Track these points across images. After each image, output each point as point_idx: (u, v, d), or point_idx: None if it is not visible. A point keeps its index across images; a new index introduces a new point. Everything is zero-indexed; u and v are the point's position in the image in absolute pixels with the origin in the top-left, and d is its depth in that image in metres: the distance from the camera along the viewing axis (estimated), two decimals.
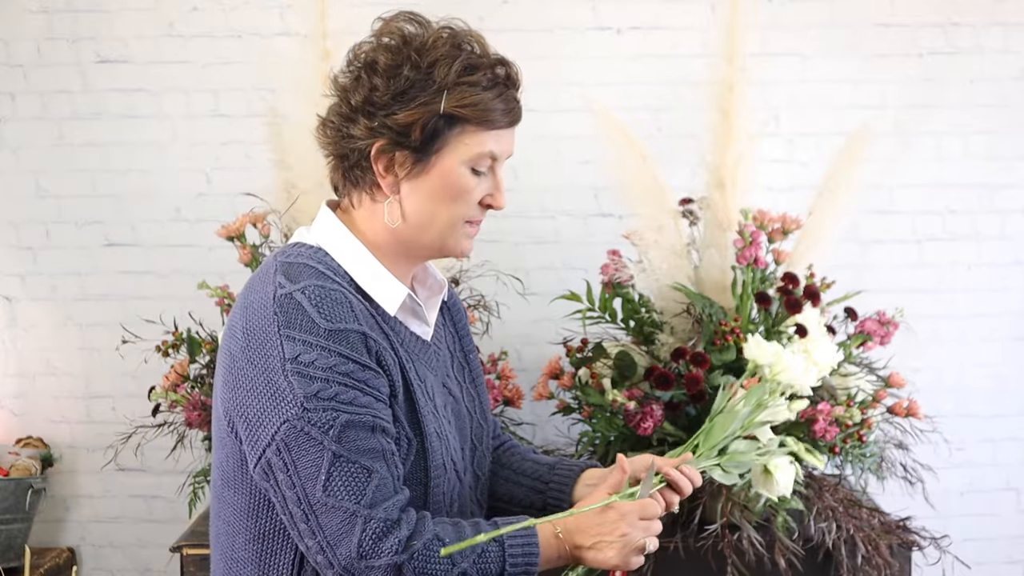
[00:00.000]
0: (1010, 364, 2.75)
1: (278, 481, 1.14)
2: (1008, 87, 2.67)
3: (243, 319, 1.17)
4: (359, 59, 1.24)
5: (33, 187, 2.67)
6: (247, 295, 1.20)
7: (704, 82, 2.25)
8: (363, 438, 1.14)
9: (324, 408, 1.12)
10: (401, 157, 1.21)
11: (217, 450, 1.24)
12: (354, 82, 1.22)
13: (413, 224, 1.24)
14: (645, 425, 1.91)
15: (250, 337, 1.15)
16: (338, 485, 1.12)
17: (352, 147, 1.22)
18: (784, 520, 1.90)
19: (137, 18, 2.61)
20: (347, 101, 1.22)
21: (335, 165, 1.27)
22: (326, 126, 1.26)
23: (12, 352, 2.73)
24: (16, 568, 2.55)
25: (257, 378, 1.14)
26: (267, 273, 1.20)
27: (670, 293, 2.10)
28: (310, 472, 1.12)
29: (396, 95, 1.19)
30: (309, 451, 1.12)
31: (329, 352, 1.14)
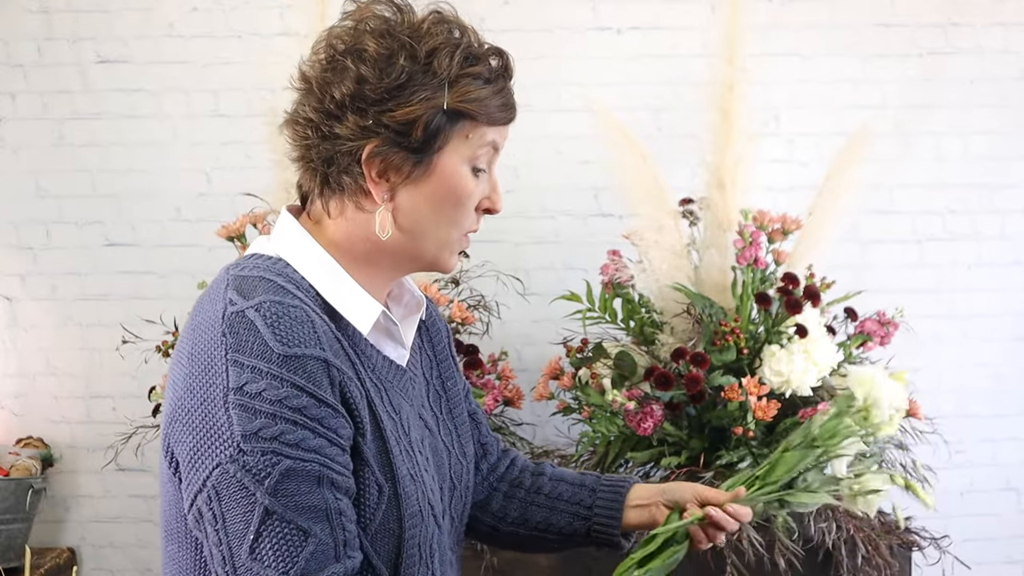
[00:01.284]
0: (1010, 364, 2.75)
1: (207, 534, 0.97)
2: (1008, 87, 2.67)
3: (190, 342, 1.00)
4: (336, 46, 1.05)
5: (33, 187, 2.67)
6: (196, 314, 1.03)
7: (704, 82, 2.25)
8: (304, 492, 0.95)
9: (263, 451, 0.94)
10: (398, 159, 1.04)
11: (161, 495, 1.07)
12: (335, 73, 1.04)
13: (407, 234, 1.08)
14: (645, 425, 1.91)
15: (194, 362, 0.98)
16: (266, 548, 0.94)
17: (338, 149, 1.04)
18: (784, 520, 1.90)
19: (137, 18, 2.61)
20: (328, 95, 1.04)
21: (308, 169, 1.08)
22: (299, 124, 1.07)
23: (12, 352, 2.73)
24: (16, 568, 2.55)
25: (196, 410, 0.96)
26: (218, 289, 1.03)
27: (670, 293, 2.10)
28: (238, 529, 0.94)
29: (393, 88, 1.03)
30: (240, 503, 0.94)
31: (281, 382, 0.95)
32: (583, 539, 1.32)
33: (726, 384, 1.91)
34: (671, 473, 1.96)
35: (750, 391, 1.89)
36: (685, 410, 1.99)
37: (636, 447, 2.03)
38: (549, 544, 1.33)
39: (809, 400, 1.99)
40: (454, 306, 2.14)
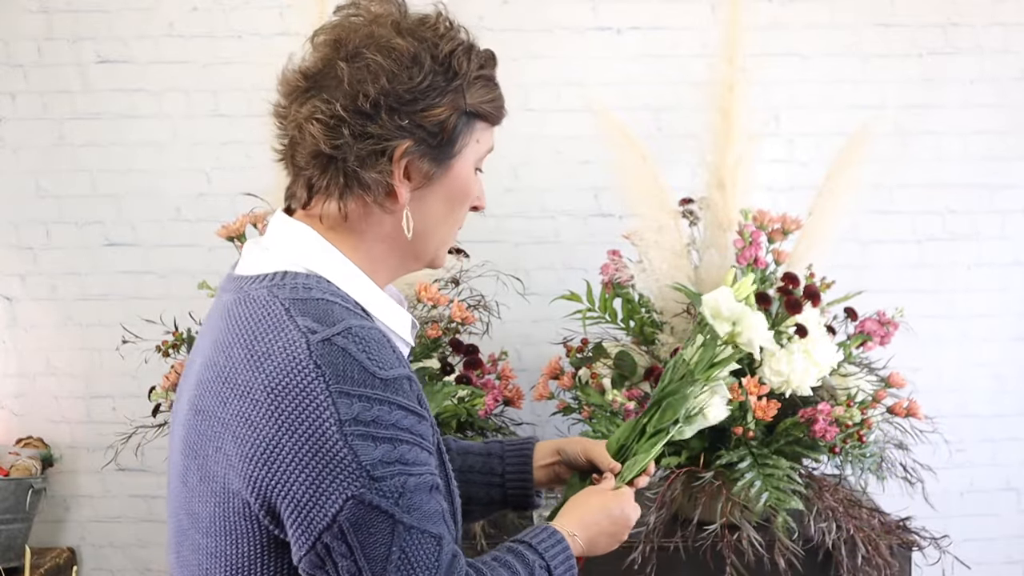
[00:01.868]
0: (1010, 364, 2.75)
1: (338, 568, 0.95)
2: (1008, 87, 2.67)
3: (260, 373, 0.95)
4: (352, 42, 1.04)
5: (33, 187, 2.67)
6: (253, 345, 0.97)
7: (704, 82, 2.25)
8: (426, 501, 0.99)
9: (392, 474, 0.95)
10: (423, 160, 1.05)
11: (213, 537, 1.01)
12: (367, 71, 1.02)
13: (418, 234, 1.08)
14: None
15: (284, 398, 0.94)
16: (412, 561, 0.96)
17: (371, 148, 1.02)
18: (784, 520, 1.90)
19: (137, 18, 2.61)
20: (360, 92, 1.01)
21: (329, 169, 1.05)
22: (325, 123, 1.03)
23: (12, 352, 2.74)
24: (16, 568, 2.55)
25: (303, 449, 0.93)
26: (273, 315, 0.99)
27: (670, 293, 2.10)
28: (379, 553, 0.95)
29: (424, 88, 1.03)
30: (378, 527, 0.95)
31: (389, 405, 0.96)
32: (500, 505, 1.36)
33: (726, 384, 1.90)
34: (671, 473, 1.96)
35: (750, 391, 1.89)
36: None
37: None
38: (471, 515, 1.35)
39: (809, 400, 1.99)
40: (454, 306, 2.14)
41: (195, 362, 1.09)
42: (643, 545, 1.94)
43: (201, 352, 1.08)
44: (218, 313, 1.08)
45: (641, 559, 1.95)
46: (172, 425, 1.14)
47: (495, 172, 2.59)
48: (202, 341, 1.11)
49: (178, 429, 1.08)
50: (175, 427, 1.11)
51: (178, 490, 1.06)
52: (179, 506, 1.06)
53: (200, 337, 1.13)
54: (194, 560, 1.04)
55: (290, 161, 1.10)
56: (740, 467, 1.89)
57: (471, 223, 2.42)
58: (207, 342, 1.06)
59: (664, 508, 1.95)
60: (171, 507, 1.09)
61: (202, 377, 1.02)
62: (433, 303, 2.12)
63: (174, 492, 1.08)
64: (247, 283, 1.06)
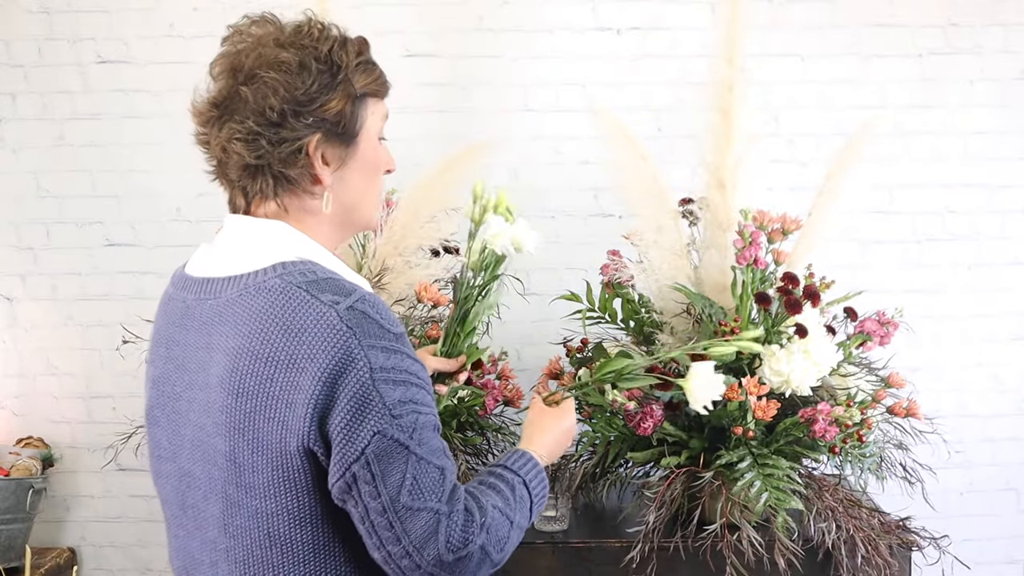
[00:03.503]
0: (1010, 364, 2.76)
1: (361, 493, 1.12)
2: (1008, 87, 2.67)
3: (302, 348, 1.11)
4: (245, 66, 1.21)
5: (33, 187, 2.68)
6: (288, 325, 1.12)
7: (704, 82, 2.25)
8: (432, 437, 1.16)
9: (408, 412, 1.13)
10: (334, 146, 1.23)
11: (273, 499, 1.15)
12: (265, 87, 1.19)
13: (348, 207, 1.27)
14: (645, 425, 1.91)
15: (323, 361, 1.11)
16: (422, 487, 1.13)
17: (288, 150, 1.20)
18: (784, 520, 1.90)
19: (137, 18, 2.61)
20: (266, 107, 1.19)
21: (258, 175, 1.22)
22: (247, 141, 1.20)
23: (13, 352, 2.74)
24: (17, 568, 2.55)
25: (345, 397, 1.11)
26: (296, 297, 1.14)
27: (670, 293, 2.09)
28: (395, 479, 1.12)
29: (317, 88, 1.20)
30: (396, 458, 1.12)
31: (402, 356, 1.15)
32: None
33: (726, 384, 1.91)
34: (671, 473, 1.96)
35: (750, 391, 1.89)
36: (685, 410, 1.99)
37: (636, 447, 2.03)
38: None
39: (809, 400, 1.99)
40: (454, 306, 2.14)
41: (206, 359, 1.19)
42: (643, 545, 1.94)
43: (209, 347, 1.19)
44: (210, 312, 1.20)
45: (641, 559, 1.95)
46: (182, 420, 1.23)
47: (495, 172, 2.60)
48: (189, 337, 1.22)
49: (208, 419, 1.18)
50: (199, 419, 1.20)
51: (223, 470, 1.17)
52: (227, 483, 1.17)
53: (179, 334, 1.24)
54: (254, 524, 1.17)
55: (223, 177, 1.28)
56: (740, 467, 1.89)
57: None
58: (221, 338, 1.17)
59: (664, 508, 1.95)
60: (210, 488, 1.19)
61: (236, 365, 1.14)
62: (433, 303, 2.12)
63: (216, 474, 1.18)
64: (246, 279, 1.19)
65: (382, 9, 2.60)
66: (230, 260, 1.23)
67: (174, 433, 1.24)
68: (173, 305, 1.28)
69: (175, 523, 1.28)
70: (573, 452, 2.18)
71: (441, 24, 2.62)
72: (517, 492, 1.28)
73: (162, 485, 1.29)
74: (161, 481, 1.29)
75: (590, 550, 2.02)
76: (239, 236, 1.24)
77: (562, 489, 2.14)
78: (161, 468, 1.28)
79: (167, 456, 1.26)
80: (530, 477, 1.31)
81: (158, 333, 1.30)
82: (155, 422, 1.28)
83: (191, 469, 1.21)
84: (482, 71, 2.64)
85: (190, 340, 1.22)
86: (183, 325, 1.24)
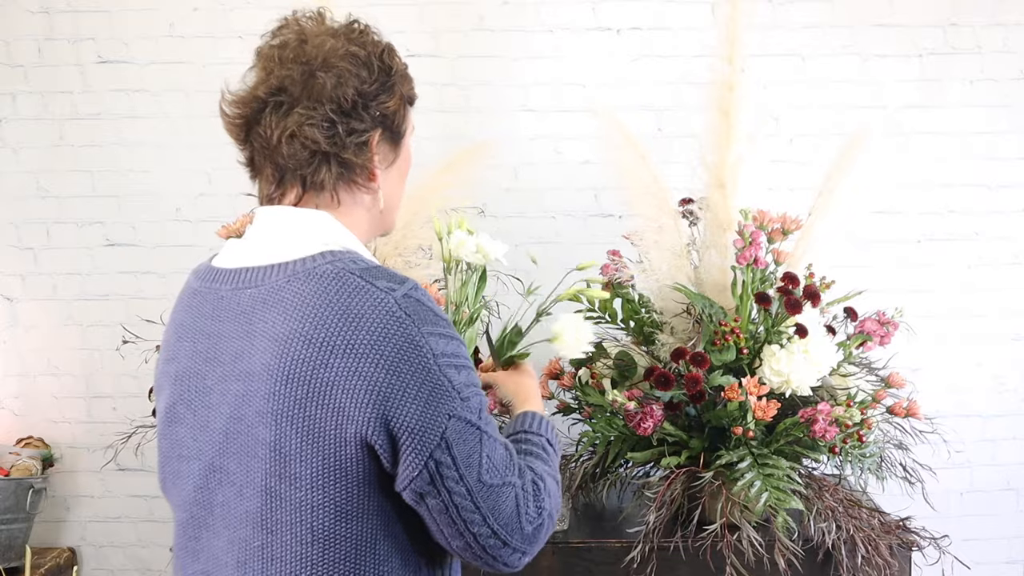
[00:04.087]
0: (1010, 364, 2.76)
1: (444, 479, 1.12)
2: (1008, 87, 2.67)
3: (361, 334, 1.10)
4: (318, 56, 1.21)
5: (33, 187, 2.68)
6: (345, 311, 1.11)
7: (704, 82, 2.25)
8: (490, 417, 1.18)
9: (472, 394, 1.15)
10: (386, 145, 1.26)
11: (320, 490, 1.12)
12: (336, 76, 1.20)
13: (388, 207, 1.29)
14: (645, 425, 1.91)
15: (384, 347, 1.10)
16: (496, 465, 1.15)
17: (357, 140, 1.21)
18: (784, 520, 1.90)
19: (137, 18, 2.61)
20: (341, 96, 1.20)
21: (322, 164, 1.21)
22: (321, 127, 1.19)
23: (13, 352, 2.74)
24: (17, 568, 2.55)
25: (412, 384, 1.10)
26: (351, 283, 1.13)
27: (670, 293, 2.10)
28: (474, 461, 1.13)
29: (380, 84, 1.23)
30: (470, 440, 1.13)
31: (456, 341, 1.15)
32: None
33: (726, 384, 1.91)
34: (671, 473, 1.96)
35: (750, 391, 1.89)
36: (685, 410, 1.99)
37: (636, 447, 2.03)
38: None
39: (809, 400, 1.99)
40: None
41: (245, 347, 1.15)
42: (643, 545, 1.94)
43: (249, 335, 1.15)
44: (251, 300, 1.16)
45: (641, 559, 1.95)
46: (213, 414, 1.18)
47: (495, 172, 2.60)
48: (223, 327, 1.18)
49: (248, 409, 1.13)
50: (235, 411, 1.15)
51: (264, 461, 1.12)
52: (268, 475, 1.13)
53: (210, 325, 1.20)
54: (296, 518, 1.13)
55: (272, 166, 1.24)
56: (740, 467, 1.89)
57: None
58: (266, 324, 1.13)
59: (664, 508, 1.95)
60: (247, 482, 1.14)
61: (286, 351, 1.10)
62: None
63: (255, 466, 1.13)
64: (294, 266, 1.16)
65: (382, 9, 2.60)
66: (272, 248, 1.20)
67: (201, 429, 1.19)
68: (201, 298, 1.24)
69: (195, 525, 1.21)
70: (573, 452, 2.18)
71: (441, 24, 2.62)
72: (548, 452, 1.32)
73: (180, 486, 1.23)
74: (180, 482, 1.23)
75: (590, 550, 2.02)
76: (281, 225, 1.21)
77: (562, 489, 2.14)
78: (181, 468, 1.22)
79: (190, 454, 1.20)
80: (549, 435, 1.36)
81: (180, 328, 1.26)
82: (178, 420, 1.22)
83: (223, 464, 1.16)
84: (482, 71, 2.64)
85: (224, 331, 1.18)
86: (216, 316, 1.20)
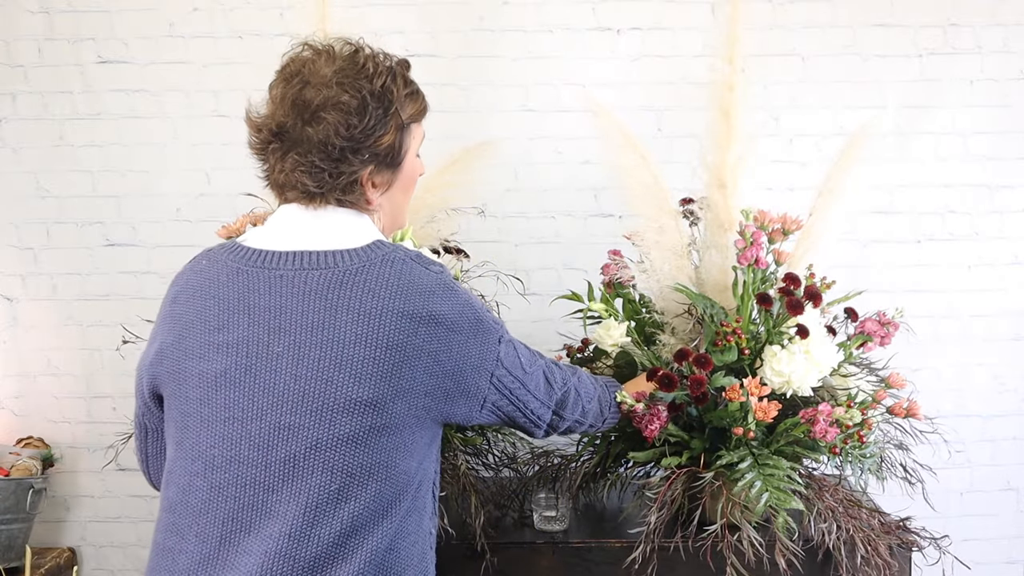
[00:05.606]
0: (1010, 364, 2.76)
1: (506, 385, 1.46)
2: (1008, 87, 2.67)
3: (411, 301, 1.33)
4: (310, 106, 1.35)
5: (33, 187, 2.68)
6: (419, 284, 1.35)
7: (704, 82, 2.25)
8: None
9: (502, 327, 1.46)
10: (383, 172, 1.41)
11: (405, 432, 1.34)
12: (326, 128, 1.34)
13: (393, 217, 1.49)
14: (652, 427, 1.91)
15: (445, 308, 1.36)
16: (526, 359, 1.51)
17: (346, 181, 1.37)
18: (784, 520, 1.90)
19: (137, 18, 2.61)
20: (329, 145, 1.35)
21: (315, 199, 1.39)
22: (311, 173, 1.36)
23: (13, 352, 2.74)
24: (17, 568, 2.55)
25: (469, 333, 1.38)
26: (414, 266, 1.37)
27: (671, 294, 2.09)
28: (516, 363, 1.47)
29: (373, 126, 1.36)
30: (510, 352, 1.46)
31: (478, 299, 1.45)
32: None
33: (727, 384, 1.91)
34: (672, 473, 1.96)
35: (751, 391, 1.89)
36: (686, 410, 1.99)
37: (637, 447, 2.03)
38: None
39: (809, 400, 1.99)
40: None
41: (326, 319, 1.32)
42: (643, 545, 1.94)
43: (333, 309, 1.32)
44: (327, 280, 1.34)
45: (641, 559, 1.95)
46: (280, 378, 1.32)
47: (495, 172, 2.60)
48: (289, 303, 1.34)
49: (338, 373, 1.31)
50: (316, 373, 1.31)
51: (355, 415, 1.31)
52: (357, 427, 1.31)
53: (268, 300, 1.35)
54: (378, 459, 1.33)
55: (279, 191, 1.43)
56: (740, 467, 1.89)
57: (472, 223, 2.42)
58: (352, 301, 1.32)
59: (664, 508, 1.95)
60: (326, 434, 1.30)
61: (379, 323, 1.31)
62: None
63: (341, 420, 1.31)
64: (366, 252, 1.37)
65: (382, 9, 2.60)
66: (327, 236, 1.38)
67: (263, 391, 1.32)
68: (249, 276, 1.37)
69: (243, 483, 1.31)
70: (573, 452, 2.18)
71: (441, 24, 2.62)
72: (599, 383, 1.78)
73: (228, 447, 1.32)
74: (226, 445, 1.32)
75: (590, 550, 2.02)
76: (329, 218, 1.40)
77: (562, 489, 2.14)
78: (228, 431, 1.32)
79: (248, 416, 1.31)
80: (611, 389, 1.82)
81: (225, 303, 1.37)
82: (231, 384, 1.33)
83: (292, 421, 1.30)
84: (482, 71, 2.64)
85: (289, 305, 1.33)
86: (275, 292, 1.35)
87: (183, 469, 1.34)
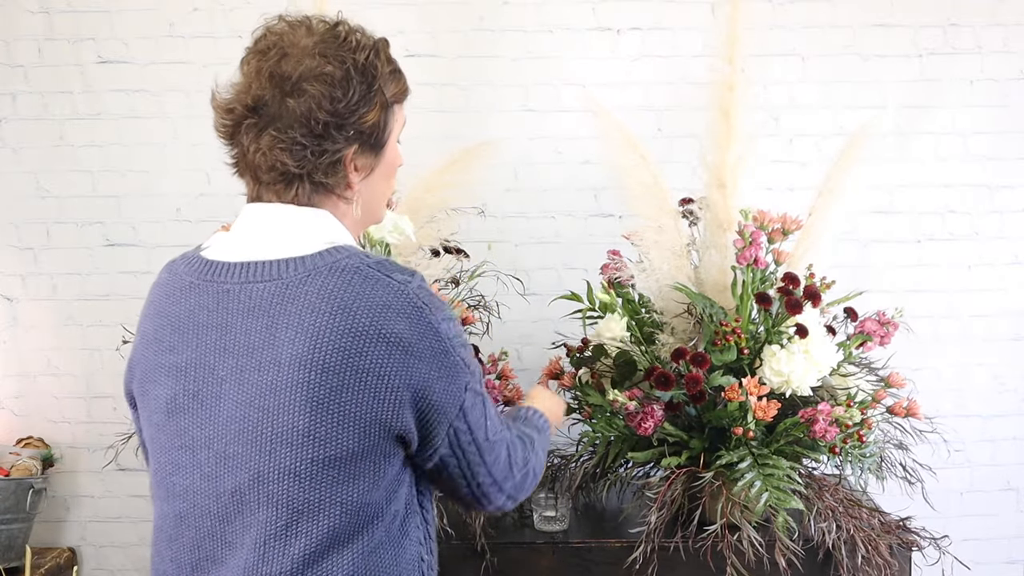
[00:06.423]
0: (1010, 364, 2.76)
1: (460, 443, 1.26)
2: (1008, 87, 2.67)
3: (382, 319, 1.17)
4: (290, 77, 1.22)
5: (33, 187, 2.68)
6: (371, 302, 1.18)
7: (704, 82, 2.25)
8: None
9: (476, 367, 1.27)
10: (366, 154, 1.28)
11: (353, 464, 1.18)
12: (308, 101, 1.22)
13: (371, 207, 1.34)
14: (646, 425, 1.91)
15: (409, 334, 1.19)
16: (494, 424, 1.31)
17: (329, 160, 1.24)
18: (784, 520, 1.90)
19: (137, 18, 2.61)
20: (312, 119, 1.22)
21: (293, 182, 1.25)
22: (291, 151, 1.23)
23: (13, 352, 2.74)
24: (17, 568, 2.55)
25: (434, 365, 1.20)
26: (372, 276, 1.20)
27: (670, 293, 2.10)
28: (480, 423, 1.28)
29: (361, 98, 1.24)
30: (477, 406, 1.27)
31: (456, 321, 1.25)
32: None
33: (726, 384, 1.91)
34: (672, 473, 1.96)
35: (750, 391, 1.89)
36: (685, 410, 1.99)
37: (636, 447, 2.03)
38: None
39: (809, 400, 1.99)
40: (454, 306, 2.14)
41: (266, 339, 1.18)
42: (644, 545, 1.94)
43: (272, 327, 1.18)
44: (269, 294, 1.20)
45: (642, 559, 1.95)
46: (224, 404, 1.20)
47: (495, 172, 2.60)
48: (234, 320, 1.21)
49: (273, 399, 1.17)
50: (254, 400, 1.18)
51: (294, 447, 1.17)
52: (296, 459, 1.18)
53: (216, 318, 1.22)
54: (325, 495, 1.19)
55: (250, 174, 1.31)
56: (740, 467, 1.89)
57: (471, 223, 2.42)
58: (292, 317, 1.18)
59: (664, 508, 1.95)
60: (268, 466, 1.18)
61: (318, 343, 1.16)
62: None
63: (281, 452, 1.18)
64: (312, 260, 1.21)
65: (382, 9, 2.60)
66: (277, 243, 1.24)
67: (209, 419, 1.21)
68: (200, 291, 1.25)
69: (199, 515, 1.23)
70: (573, 452, 2.18)
71: (441, 24, 2.62)
72: (541, 429, 1.51)
73: (184, 476, 1.23)
74: (182, 472, 1.23)
75: (590, 550, 2.02)
76: (283, 221, 1.26)
77: (562, 489, 2.14)
78: (182, 459, 1.23)
79: (197, 444, 1.22)
80: (541, 423, 1.54)
81: (176, 321, 1.26)
82: (180, 411, 1.23)
83: (236, 452, 1.19)
84: (482, 71, 2.64)
85: (235, 323, 1.21)
86: (222, 309, 1.22)
87: (155, 491, 1.29)
